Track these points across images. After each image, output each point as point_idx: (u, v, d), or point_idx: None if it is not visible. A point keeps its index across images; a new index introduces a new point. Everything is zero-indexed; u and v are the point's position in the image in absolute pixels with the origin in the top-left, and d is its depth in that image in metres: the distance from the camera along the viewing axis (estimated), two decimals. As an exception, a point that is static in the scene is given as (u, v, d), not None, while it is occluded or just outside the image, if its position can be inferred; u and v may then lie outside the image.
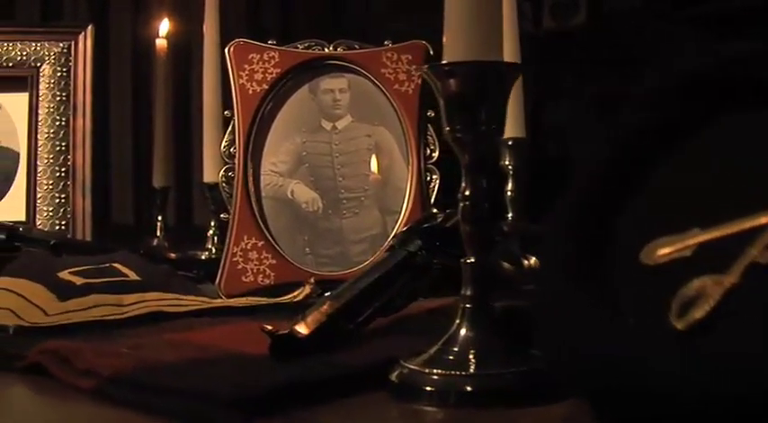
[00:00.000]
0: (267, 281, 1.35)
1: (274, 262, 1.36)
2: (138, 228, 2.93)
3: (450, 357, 0.78)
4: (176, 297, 1.19)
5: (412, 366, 0.78)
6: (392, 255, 1.08)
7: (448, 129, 0.80)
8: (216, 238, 1.95)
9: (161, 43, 2.56)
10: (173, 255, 1.64)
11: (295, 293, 1.27)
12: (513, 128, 1.55)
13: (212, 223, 1.97)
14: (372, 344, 0.93)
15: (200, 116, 3.41)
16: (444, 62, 0.79)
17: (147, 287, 1.20)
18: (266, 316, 1.14)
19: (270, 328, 0.88)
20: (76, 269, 1.22)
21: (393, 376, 0.79)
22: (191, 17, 2.77)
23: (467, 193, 0.80)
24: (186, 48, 2.87)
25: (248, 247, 1.36)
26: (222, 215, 1.40)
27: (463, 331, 0.80)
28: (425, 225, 1.12)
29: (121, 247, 1.59)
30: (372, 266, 1.08)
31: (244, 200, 1.38)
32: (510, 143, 1.56)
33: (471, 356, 0.78)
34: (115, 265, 1.26)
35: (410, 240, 1.10)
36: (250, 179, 1.39)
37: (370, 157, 1.43)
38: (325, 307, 0.96)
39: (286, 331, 0.89)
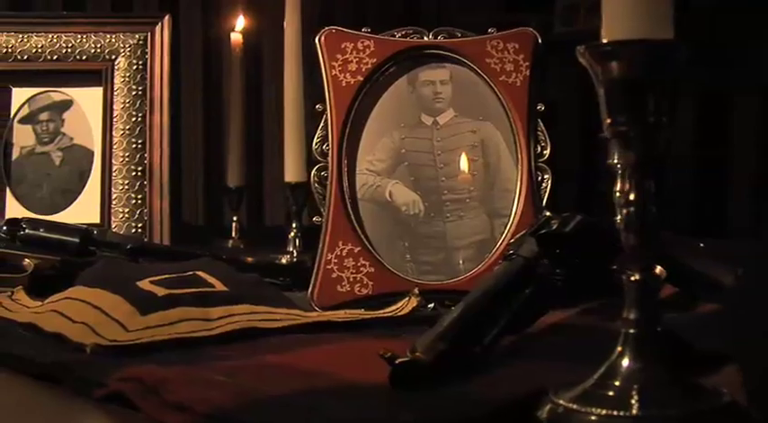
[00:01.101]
0: (365, 291, 1.23)
1: (372, 270, 1.23)
2: (209, 228, 2.84)
3: (611, 393, 0.66)
4: (268, 310, 1.07)
5: (565, 403, 0.66)
6: (510, 264, 0.97)
7: (609, 121, 0.67)
8: (297, 240, 1.84)
9: (236, 38, 2.48)
10: (250, 259, 1.51)
11: (399, 305, 1.15)
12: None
13: (293, 225, 1.86)
14: (507, 370, 0.81)
15: (272, 113, 3.34)
16: (605, 41, 0.66)
17: (235, 299, 1.08)
18: (370, 332, 1.03)
19: (387, 352, 0.76)
20: (157, 278, 1.11)
21: (543, 414, 0.67)
22: (261, 10, 2.68)
23: (631, 196, 0.67)
24: (256, 43, 2.78)
25: (344, 254, 1.24)
26: (315, 218, 1.28)
27: (626, 362, 0.67)
28: (543, 231, 1.00)
29: (198, 249, 1.49)
30: (489, 278, 0.96)
31: (338, 202, 1.26)
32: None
33: (635, 393, 0.65)
34: (199, 273, 1.14)
35: (527, 248, 0.98)
36: (345, 179, 1.27)
37: (474, 155, 1.30)
38: (446, 327, 0.83)
39: (407, 358, 0.77)
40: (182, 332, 0.98)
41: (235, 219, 2.38)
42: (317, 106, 1.31)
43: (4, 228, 1.40)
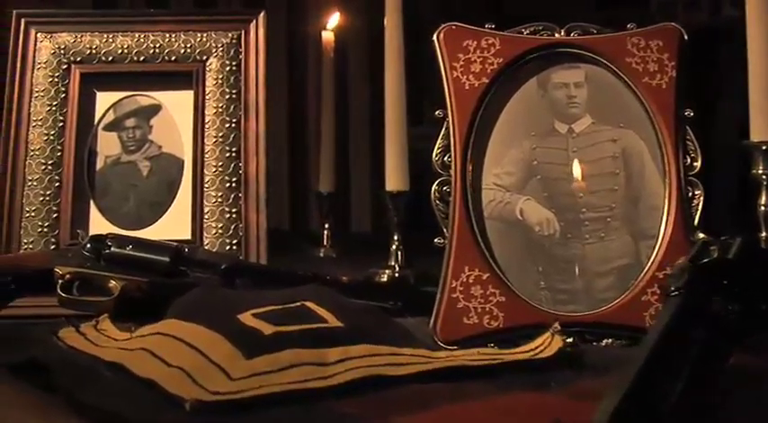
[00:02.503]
0: (494, 323, 1.08)
1: (503, 299, 1.09)
2: (294, 236, 2.72)
3: None
4: (391, 351, 0.93)
5: None
6: (679, 302, 0.82)
7: None
8: (399, 254, 1.71)
9: (328, 36, 2.36)
10: (345, 279, 1.34)
11: (539, 344, 1.00)
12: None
13: (395, 237, 1.72)
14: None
15: (358, 116, 3.20)
16: None
17: (352, 336, 0.94)
18: (514, 380, 0.90)
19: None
20: (261, 310, 0.98)
21: None
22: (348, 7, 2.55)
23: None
24: (341, 42, 2.65)
25: (470, 281, 1.09)
26: (437, 240, 1.13)
27: None
28: (704, 259, 0.84)
29: (295, 265, 1.36)
30: (657, 321, 0.82)
31: (463, 222, 1.11)
32: (765, 147, 1.26)
33: None
34: (308, 304, 1.00)
35: (693, 281, 0.83)
36: (470, 195, 1.12)
37: (616, 168, 1.14)
38: (619, 388, 0.68)
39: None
40: (294, 381, 0.84)
41: (327, 226, 2.27)
42: (437, 112, 1.17)
43: (88, 245, 1.27)
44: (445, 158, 1.15)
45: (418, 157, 1.59)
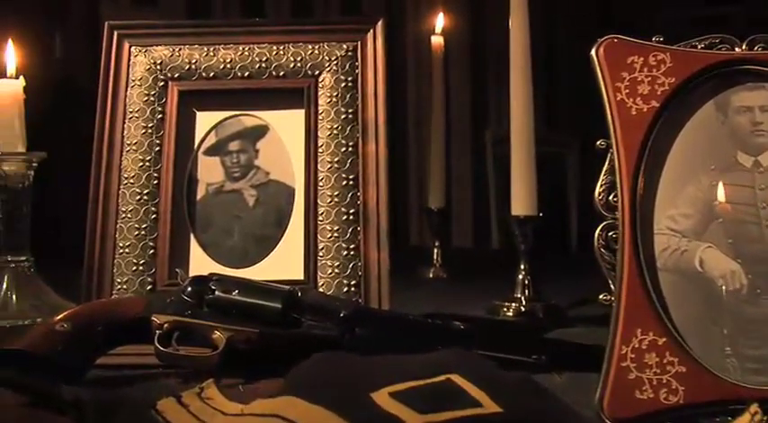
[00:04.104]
0: (673, 399, 0.90)
1: (683, 370, 0.91)
2: (396, 254, 2.58)
3: None
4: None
5: None
6: None
7: None
8: (527, 283, 1.58)
9: (437, 41, 2.21)
10: (460, 325, 1.16)
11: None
12: None
13: (522, 267, 1.58)
14: None
15: (459, 128, 3.05)
16: None
17: (513, 425, 0.77)
18: None
19: None
20: (400, 388, 0.82)
21: None
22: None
23: None
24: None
25: (644, 347, 0.92)
26: (602, 296, 0.96)
27: None
28: None
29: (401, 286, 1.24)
30: None
31: (634, 274, 0.94)
32: None
33: None
34: (454, 379, 0.83)
35: None
36: (640, 242, 0.94)
37: (812, 209, 0.96)
38: None
39: None
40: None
41: (437, 243, 2.16)
42: (598, 143, 0.99)
43: (189, 289, 1.12)
44: (611, 198, 0.97)
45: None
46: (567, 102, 3.96)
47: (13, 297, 1.45)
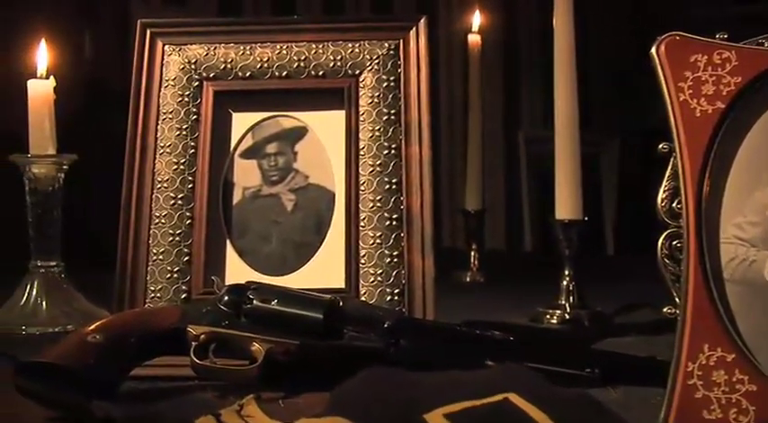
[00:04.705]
0: (743, 419, 0.85)
1: (753, 388, 0.85)
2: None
3: None
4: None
5: None
6: None
7: None
8: (572, 289, 1.54)
9: (474, 39, 2.18)
10: (510, 336, 1.11)
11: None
12: None
13: (566, 272, 1.55)
14: None
15: (492, 127, 3.00)
16: None
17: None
18: None
19: None
20: (455, 409, 0.77)
21: None
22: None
23: None
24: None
25: (711, 364, 0.86)
26: (666, 309, 0.91)
27: None
28: None
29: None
30: None
31: (700, 286, 0.88)
32: None
33: None
34: (511, 398, 0.78)
35: None
36: (706, 252, 0.89)
37: None
38: None
39: None
40: None
41: (474, 246, 2.13)
42: (661, 146, 0.94)
43: (226, 298, 1.08)
44: (674, 205, 0.92)
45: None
46: (600, 101, 3.91)
47: (44, 303, 1.42)
